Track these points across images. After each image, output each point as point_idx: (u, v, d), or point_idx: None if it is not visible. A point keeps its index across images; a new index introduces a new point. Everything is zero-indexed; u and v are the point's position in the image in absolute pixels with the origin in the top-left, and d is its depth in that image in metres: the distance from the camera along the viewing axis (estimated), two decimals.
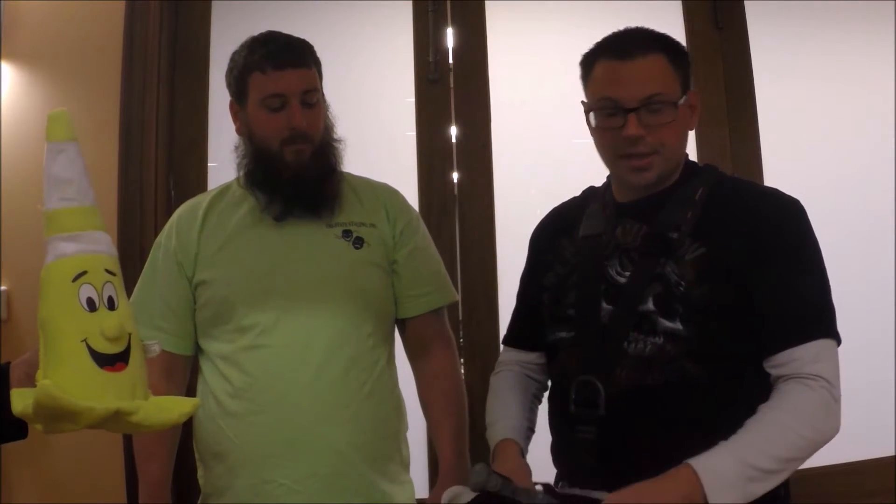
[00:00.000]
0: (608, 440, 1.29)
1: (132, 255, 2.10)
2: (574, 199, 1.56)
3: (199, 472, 1.63)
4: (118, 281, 1.04)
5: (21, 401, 0.95)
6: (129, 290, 1.57)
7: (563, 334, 1.39)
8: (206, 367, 1.61)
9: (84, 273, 1.00)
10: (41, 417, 0.95)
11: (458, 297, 2.20)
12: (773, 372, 1.25)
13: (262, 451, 1.52)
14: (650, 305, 1.29)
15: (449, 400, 1.66)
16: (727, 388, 1.27)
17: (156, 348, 1.08)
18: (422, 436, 2.04)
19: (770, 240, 1.27)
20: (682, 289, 1.27)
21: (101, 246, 1.04)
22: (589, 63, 1.37)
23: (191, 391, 1.66)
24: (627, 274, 1.33)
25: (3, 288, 2.15)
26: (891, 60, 2.57)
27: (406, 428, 1.69)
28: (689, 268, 1.28)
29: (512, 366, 1.56)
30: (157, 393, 1.07)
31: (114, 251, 1.06)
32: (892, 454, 2.40)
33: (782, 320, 1.25)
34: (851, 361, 2.51)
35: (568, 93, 2.42)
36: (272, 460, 1.51)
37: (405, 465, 1.67)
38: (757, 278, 1.26)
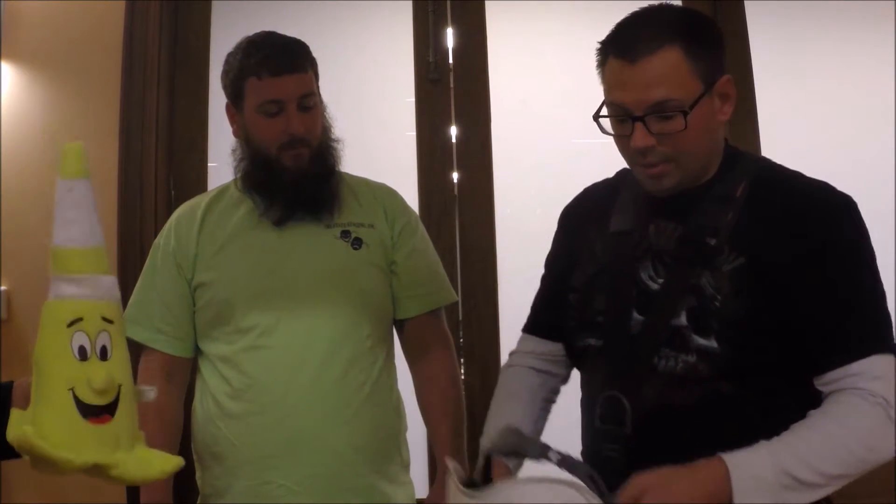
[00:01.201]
0: (634, 460, 1.17)
1: (132, 255, 2.10)
2: (608, 181, 1.42)
3: (198, 473, 1.63)
4: (115, 329, 1.03)
5: (13, 428, 0.95)
6: (128, 292, 1.58)
7: (592, 342, 1.29)
8: (205, 368, 1.61)
9: (79, 320, 0.99)
10: (23, 454, 0.96)
11: (458, 298, 2.20)
12: (826, 389, 1.14)
13: (262, 452, 1.52)
14: (683, 320, 1.18)
15: (447, 400, 1.66)
16: (761, 404, 1.17)
17: (150, 395, 1.07)
18: (421, 436, 2.04)
19: (817, 246, 1.15)
20: (717, 304, 1.16)
21: (100, 291, 1.02)
22: (602, 56, 1.22)
23: (190, 392, 1.66)
24: (661, 281, 1.22)
25: (3, 288, 2.15)
26: (891, 60, 2.56)
27: (405, 428, 1.69)
28: (726, 280, 1.17)
29: (526, 359, 1.44)
30: (158, 396, 1.07)
31: (116, 296, 1.05)
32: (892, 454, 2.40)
33: (835, 335, 1.14)
34: None
35: (568, 92, 2.44)
36: (272, 461, 1.51)
37: (405, 466, 1.67)
38: (803, 290, 1.14)
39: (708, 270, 1.18)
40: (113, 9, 2.22)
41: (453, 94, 2.38)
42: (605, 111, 1.22)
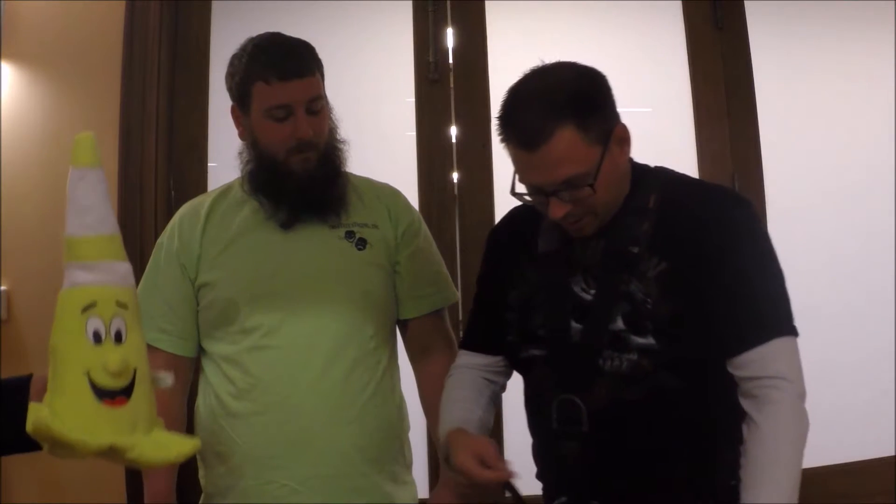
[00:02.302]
0: (593, 454, 1.31)
1: (132, 256, 2.05)
2: (525, 206, 1.47)
3: (201, 472, 1.63)
4: (130, 314, 1.03)
5: (32, 417, 0.96)
6: None
7: (536, 352, 1.39)
8: (208, 367, 1.61)
9: (93, 305, 1.00)
10: (41, 441, 0.96)
11: (459, 298, 2.20)
12: (736, 374, 1.26)
13: (265, 451, 1.52)
14: (620, 324, 1.29)
15: None
16: (706, 390, 1.29)
17: (167, 380, 1.08)
18: (422, 436, 2.04)
19: (719, 246, 1.27)
20: (649, 306, 1.28)
21: (115, 277, 1.03)
22: (501, 137, 1.31)
23: (193, 391, 1.67)
24: (593, 292, 1.33)
25: (3, 288, 2.15)
26: (891, 60, 2.57)
27: (408, 428, 1.69)
28: (653, 284, 1.28)
29: (468, 368, 1.52)
30: (160, 394, 1.07)
31: (130, 282, 1.06)
32: (892, 454, 2.40)
33: (737, 323, 1.26)
34: (852, 362, 2.53)
35: None
36: (275, 461, 1.52)
37: (408, 466, 1.67)
38: (712, 285, 1.26)
39: (635, 277, 1.30)
40: (113, 9, 2.22)
41: (453, 94, 2.38)
42: (519, 185, 1.31)
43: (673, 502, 1.30)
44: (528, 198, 1.33)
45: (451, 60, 2.39)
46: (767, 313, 1.27)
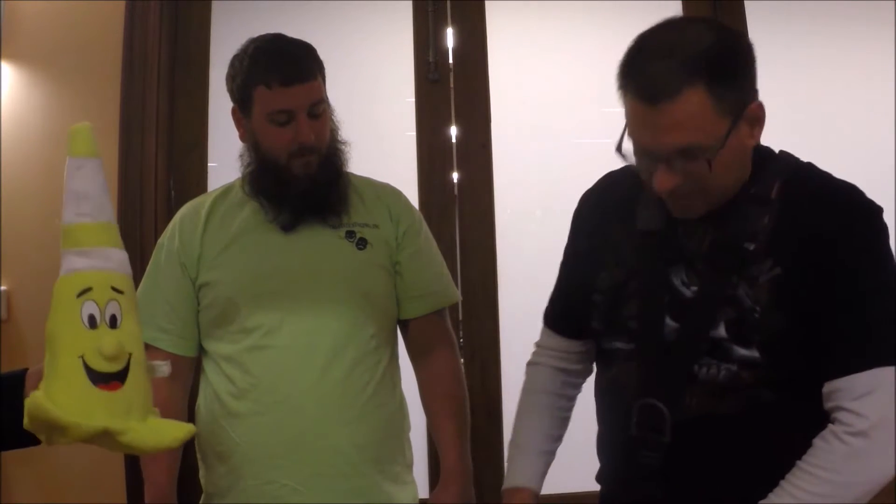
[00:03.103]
0: (674, 468, 1.19)
1: (132, 255, 2.05)
2: (626, 169, 1.30)
3: (201, 472, 1.63)
4: (126, 299, 1.03)
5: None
6: None
7: (621, 345, 1.27)
8: (209, 367, 1.61)
9: (88, 289, 1.00)
10: (36, 428, 0.96)
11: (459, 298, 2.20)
12: (824, 405, 1.15)
13: (266, 451, 1.52)
14: (722, 331, 1.16)
15: (451, 401, 1.66)
16: (803, 411, 1.17)
17: (164, 369, 1.08)
18: (422, 436, 2.04)
19: (839, 258, 1.14)
20: (756, 315, 1.15)
21: (111, 263, 1.03)
22: (621, 86, 1.16)
23: (193, 391, 1.67)
24: (694, 288, 1.20)
25: (3, 288, 2.15)
26: (891, 60, 2.57)
27: (409, 428, 1.69)
28: (764, 291, 1.15)
29: (548, 357, 1.43)
30: (160, 393, 1.07)
31: (127, 269, 1.05)
32: None
33: (840, 346, 1.14)
34: None
35: (568, 92, 2.44)
36: (275, 461, 1.52)
37: (409, 466, 1.67)
38: (824, 301, 1.14)
39: (744, 280, 1.16)
40: (113, 9, 2.22)
41: (453, 94, 2.37)
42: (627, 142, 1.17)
43: None
44: (633, 159, 1.17)
45: (451, 60, 2.38)
46: (873, 339, 1.13)
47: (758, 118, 1.16)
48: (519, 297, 2.29)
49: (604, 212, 1.35)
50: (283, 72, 1.51)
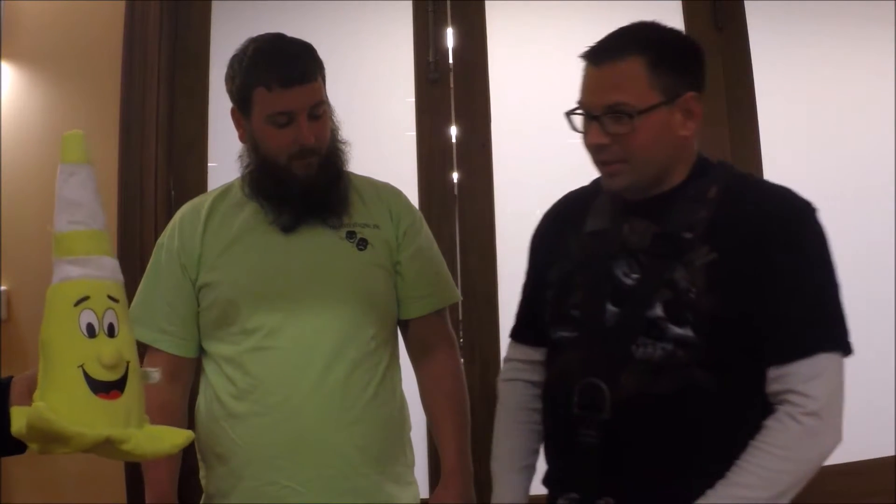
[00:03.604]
0: (612, 445, 1.26)
1: (132, 255, 2.10)
2: (584, 188, 1.49)
3: (202, 473, 1.63)
4: (121, 308, 1.04)
5: (19, 420, 0.96)
6: (131, 292, 1.59)
7: (566, 334, 1.36)
8: (209, 368, 1.61)
9: (86, 298, 1.00)
10: (34, 438, 0.96)
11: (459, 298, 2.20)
12: (768, 387, 1.23)
13: (266, 452, 1.52)
14: (659, 311, 1.25)
15: (451, 401, 1.66)
16: (736, 397, 1.25)
17: (155, 376, 1.08)
18: (422, 436, 2.04)
19: (774, 248, 1.23)
20: (692, 296, 1.23)
21: (105, 272, 1.03)
22: (582, 62, 1.33)
23: (193, 392, 1.66)
24: (635, 276, 1.29)
25: (3, 288, 2.15)
26: (891, 60, 2.57)
27: (410, 428, 1.69)
28: (699, 274, 1.24)
29: (519, 371, 1.51)
30: (161, 395, 1.07)
31: (119, 277, 1.06)
32: (892, 454, 2.40)
33: (779, 334, 1.22)
34: (852, 362, 2.52)
35: (568, 92, 2.44)
36: (276, 462, 1.51)
37: (410, 466, 1.67)
38: (762, 288, 1.22)
39: (682, 265, 1.26)
40: (113, 9, 2.22)
41: (453, 94, 2.37)
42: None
43: None
44: (574, 120, 1.32)
45: (451, 60, 2.38)
46: (814, 326, 1.22)
47: (691, 110, 1.29)
48: (519, 297, 2.28)
49: (559, 223, 1.48)
50: (283, 73, 1.50)
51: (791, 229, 1.25)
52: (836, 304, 1.24)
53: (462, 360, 1.75)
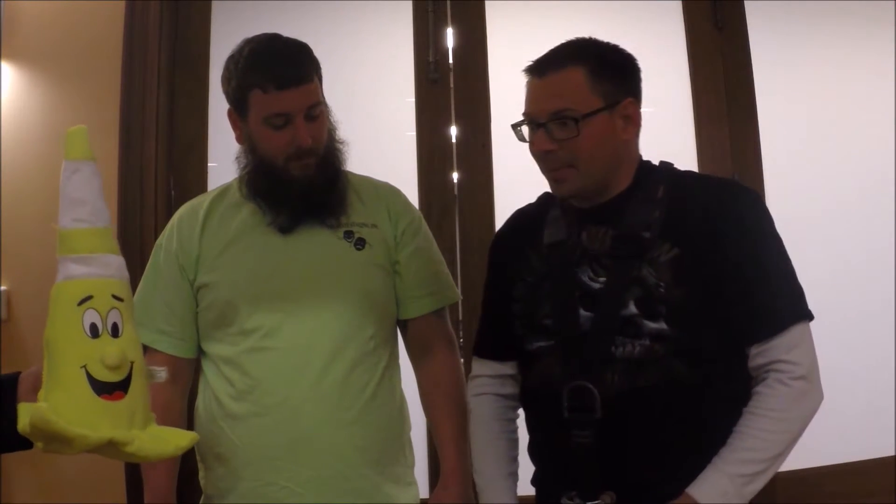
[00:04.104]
0: (607, 443, 1.30)
1: (132, 255, 2.10)
2: (530, 205, 1.57)
3: (201, 474, 1.63)
4: (125, 307, 1.03)
5: (24, 417, 0.95)
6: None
7: (542, 343, 1.40)
8: (208, 369, 1.61)
9: (89, 298, 0.99)
10: (37, 437, 0.95)
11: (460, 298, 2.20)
12: (751, 362, 1.30)
13: (265, 453, 1.52)
14: (632, 309, 1.31)
15: (451, 401, 1.66)
16: (716, 386, 1.31)
17: (162, 375, 1.08)
18: (422, 436, 2.04)
19: (729, 235, 1.30)
20: (662, 290, 1.30)
21: (110, 270, 1.03)
22: (526, 76, 1.40)
23: (192, 393, 1.66)
24: (602, 280, 1.34)
25: (3, 288, 2.15)
26: (891, 60, 2.57)
27: (409, 428, 1.69)
28: (665, 269, 1.30)
29: (487, 385, 1.54)
30: (160, 395, 1.06)
31: (125, 275, 1.05)
32: (892, 454, 2.40)
33: (752, 314, 1.29)
34: (852, 362, 2.53)
35: None
36: (275, 463, 1.51)
37: (410, 466, 1.67)
38: (723, 275, 1.29)
39: (647, 263, 1.31)
40: (113, 9, 2.22)
41: (453, 94, 2.38)
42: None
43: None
44: (526, 137, 1.38)
45: (451, 60, 2.39)
46: (781, 302, 1.30)
47: (630, 116, 1.36)
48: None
49: (515, 238, 1.52)
50: (279, 75, 1.49)
51: (743, 216, 1.33)
52: (793, 277, 1.33)
53: (462, 360, 1.75)
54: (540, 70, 1.35)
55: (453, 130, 2.37)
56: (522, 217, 1.56)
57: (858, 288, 2.47)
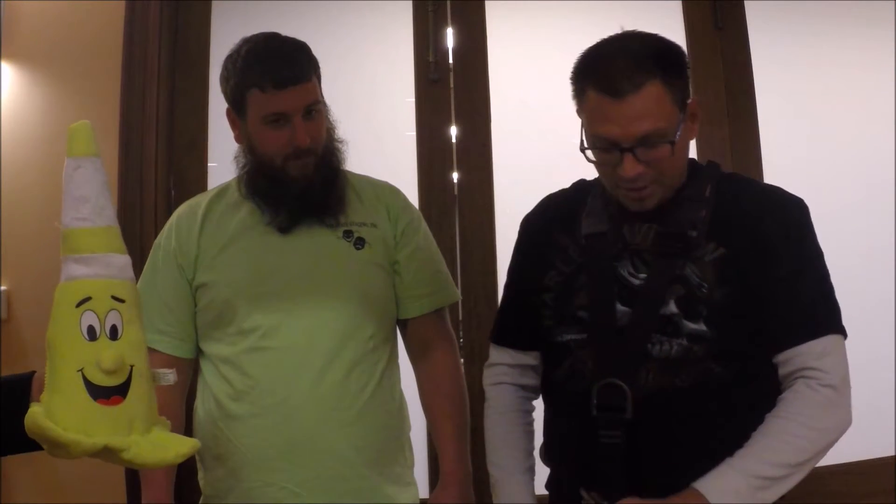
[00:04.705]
0: (636, 444, 1.26)
1: (132, 255, 2.04)
2: (564, 191, 1.51)
3: (200, 474, 1.63)
4: (127, 308, 1.00)
5: (28, 419, 0.94)
6: None
7: (574, 336, 1.34)
8: (206, 369, 1.61)
9: (87, 299, 0.97)
10: (38, 440, 0.94)
11: (459, 297, 2.20)
12: (781, 370, 1.26)
13: (264, 454, 1.52)
14: (673, 308, 1.27)
15: (451, 401, 1.66)
16: (752, 388, 1.27)
17: (170, 377, 1.05)
18: (422, 436, 2.04)
19: (776, 240, 1.27)
20: (704, 291, 1.26)
21: (111, 270, 1.00)
22: (579, 87, 1.29)
23: (191, 393, 1.66)
24: (642, 276, 1.30)
25: (3, 288, 2.15)
26: (891, 60, 2.57)
27: (409, 428, 1.69)
28: (710, 269, 1.27)
29: (504, 374, 1.50)
30: (159, 397, 1.04)
31: (129, 275, 1.03)
32: (892, 454, 2.40)
33: (789, 319, 1.26)
34: (852, 361, 2.52)
35: (568, 92, 2.43)
36: (274, 463, 1.51)
37: (409, 467, 1.67)
38: (765, 279, 1.26)
39: (691, 262, 1.28)
40: (113, 9, 2.22)
41: (453, 94, 2.38)
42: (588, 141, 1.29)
43: None
44: (593, 159, 1.29)
45: (451, 60, 2.39)
46: (819, 310, 1.27)
47: (695, 114, 1.31)
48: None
49: (548, 226, 1.46)
50: (277, 74, 1.49)
51: (792, 224, 1.30)
52: (832, 293, 1.30)
53: (462, 360, 1.74)
54: (615, 91, 1.22)
55: (453, 130, 2.37)
56: (556, 203, 1.50)
57: (858, 288, 2.46)
